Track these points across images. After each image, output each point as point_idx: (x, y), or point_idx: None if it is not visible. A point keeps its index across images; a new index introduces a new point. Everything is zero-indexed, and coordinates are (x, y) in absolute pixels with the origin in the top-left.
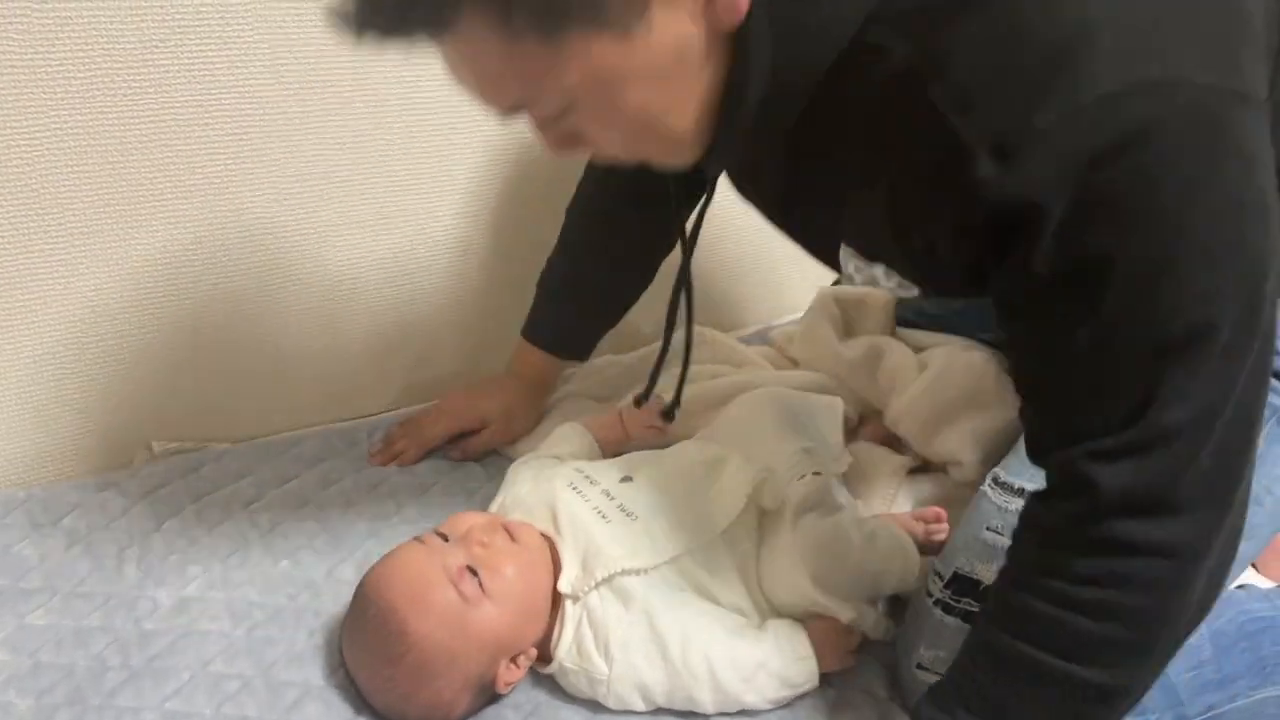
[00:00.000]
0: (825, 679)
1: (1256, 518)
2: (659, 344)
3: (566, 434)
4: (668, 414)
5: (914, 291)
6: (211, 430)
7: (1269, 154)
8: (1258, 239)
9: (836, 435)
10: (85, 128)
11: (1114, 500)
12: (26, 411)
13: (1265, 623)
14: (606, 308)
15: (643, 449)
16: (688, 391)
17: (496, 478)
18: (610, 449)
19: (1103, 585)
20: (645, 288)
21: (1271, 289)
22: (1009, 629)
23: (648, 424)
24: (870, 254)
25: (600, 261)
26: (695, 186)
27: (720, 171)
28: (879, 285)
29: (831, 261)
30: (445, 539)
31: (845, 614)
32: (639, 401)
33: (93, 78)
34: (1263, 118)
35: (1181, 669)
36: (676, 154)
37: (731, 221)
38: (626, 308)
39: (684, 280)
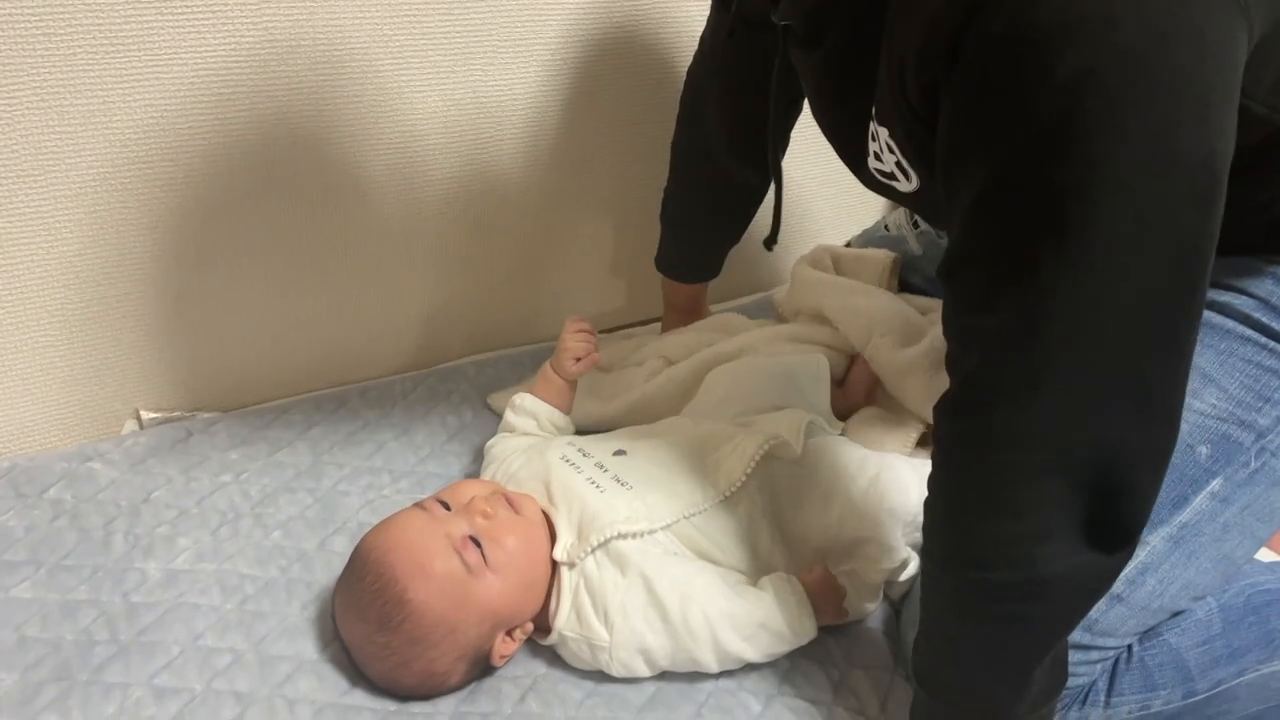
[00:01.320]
0: (828, 657)
1: (1278, 500)
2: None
3: (518, 403)
4: (768, 244)
5: (913, 184)
6: (200, 399)
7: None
8: (1193, 137)
9: (824, 397)
10: (67, 85)
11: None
12: (10, 380)
13: (1272, 595)
14: (719, 225)
15: (612, 422)
16: (669, 372)
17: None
18: (559, 402)
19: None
20: (757, 199)
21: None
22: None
23: (573, 356)
24: (882, 115)
25: (701, 180)
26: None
27: (796, 11)
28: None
29: (861, 158)
30: (447, 507)
31: (886, 563)
32: (768, 244)
33: (72, 35)
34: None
35: (1191, 644)
36: None
37: None
38: (741, 220)
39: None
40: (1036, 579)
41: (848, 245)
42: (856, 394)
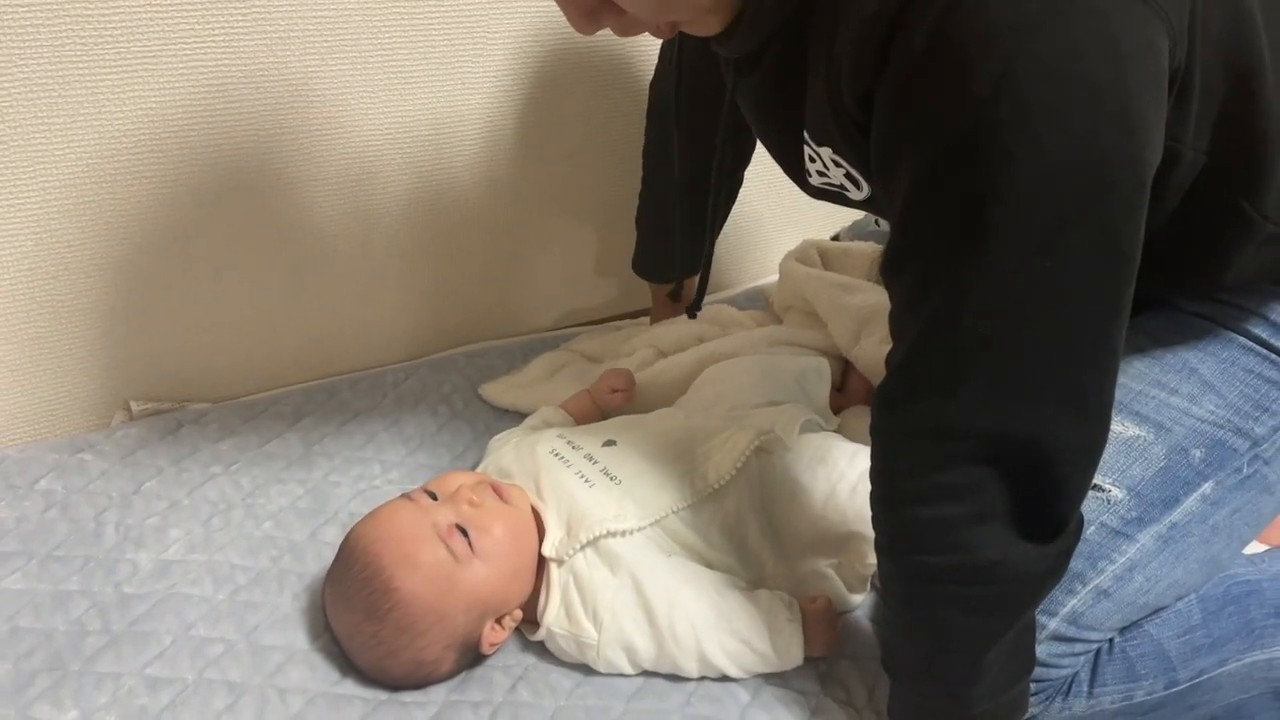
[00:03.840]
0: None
1: (1266, 506)
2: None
3: (545, 416)
4: (690, 313)
5: (864, 192)
6: (190, 390)
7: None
8: (1112, 137)
9: (824, 394)
10: (56, 76)
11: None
12: (0, 372)
13: (1251, 586)
14: (692, 229)
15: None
16: (662, 363)
17: (484, 437)
18: (588, 421)
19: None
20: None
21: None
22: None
23: (611, 387)
24: (818, 135)
25: (671, 187)
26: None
27: (741, 48)
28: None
29: (802, 174)
30: (434, 497)
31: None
32: (690, 312)
33: (60, 26)
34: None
35: (1171, 634)
36: (704, 18)
37: None
38: (709, 225)
39: (718, 184)
40: (974, 564)
41: (835, 238)
42: (855, 399)
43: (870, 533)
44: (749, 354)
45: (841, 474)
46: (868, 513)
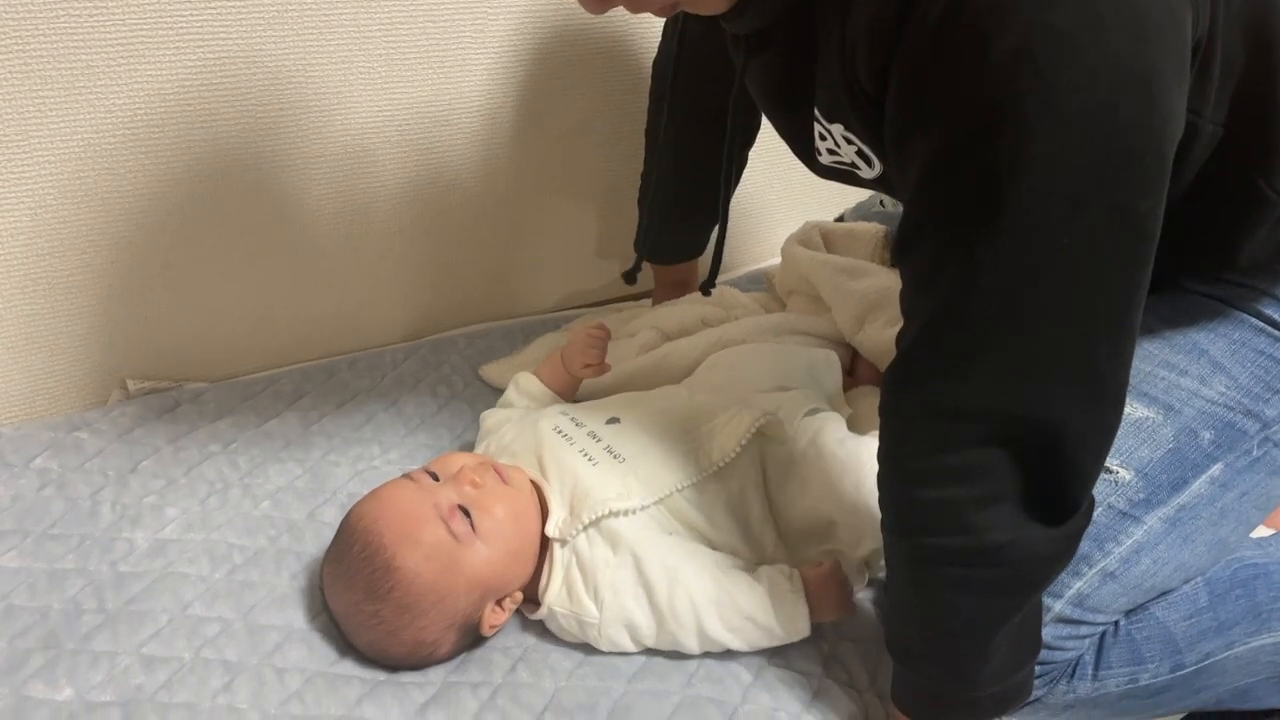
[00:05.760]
0: (819, 630)
1: (1275, 489)
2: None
3: (522, 384)
4: (704, 289)
5: (875, 170)
6: (187, 369)
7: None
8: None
9: (836, 382)
10: (52, 52)
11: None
12: None
13: (1258, 569)
14: (697, 209)
15: (606, 391)
16: (669, 347)
17: None
18: (563, 391)
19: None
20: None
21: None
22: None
23: (583, 362)
24: (829, 112)
25: (675, 166)
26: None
27: (752, 25)
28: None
29: (811, 153)
30: (435, 478)
31: (866, 544)
32: (704, 288)
33: (56, 1)
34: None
35: (1178, 617)
36: None
37: None
38: (722, 203)
39: (730, 161)
40: (982, 546)
41: (840, 219)
42: (864, 383)
43: (863, 521)
44: (758, 342)
45: (829, 462)
46: (862, 502)
